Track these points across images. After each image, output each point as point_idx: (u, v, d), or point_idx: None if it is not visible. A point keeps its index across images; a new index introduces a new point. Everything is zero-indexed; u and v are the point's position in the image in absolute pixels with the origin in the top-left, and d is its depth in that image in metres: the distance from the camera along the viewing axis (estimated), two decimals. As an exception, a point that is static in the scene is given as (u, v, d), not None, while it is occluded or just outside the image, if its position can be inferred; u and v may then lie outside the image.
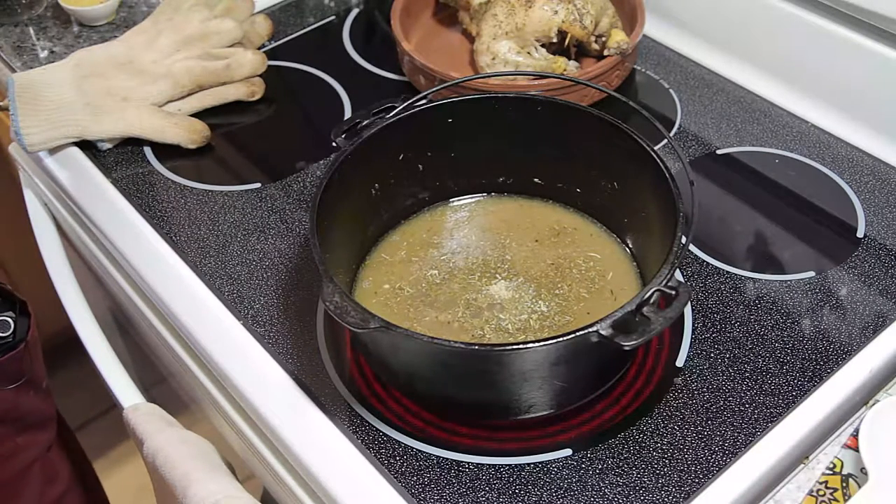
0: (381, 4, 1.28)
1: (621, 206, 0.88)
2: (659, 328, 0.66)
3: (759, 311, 0.86)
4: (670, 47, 1.18)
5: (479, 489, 0.75)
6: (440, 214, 0.94)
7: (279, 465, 0.83)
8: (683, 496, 0.73)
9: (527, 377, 0.72)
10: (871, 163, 1.01)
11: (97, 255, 1.04)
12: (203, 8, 1.12)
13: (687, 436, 0.77)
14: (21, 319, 0.97)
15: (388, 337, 0.71)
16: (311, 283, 0.92)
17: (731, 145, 1.04)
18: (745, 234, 0.94)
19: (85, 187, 1.04)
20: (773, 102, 1.09)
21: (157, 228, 0.98)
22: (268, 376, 0.84)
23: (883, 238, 0.92)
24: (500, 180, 0.94)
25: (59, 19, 1.28)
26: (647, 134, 0.82)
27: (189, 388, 0.97)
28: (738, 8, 1.11)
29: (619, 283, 0.86)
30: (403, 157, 0.89)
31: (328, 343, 0.86)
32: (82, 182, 1.04)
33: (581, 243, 0.90)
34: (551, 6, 1.06)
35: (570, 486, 0.74)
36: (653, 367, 0.82)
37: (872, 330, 0.84)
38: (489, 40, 1.07)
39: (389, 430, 0.79)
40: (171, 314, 0.91)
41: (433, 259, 0.90)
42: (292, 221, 0.98)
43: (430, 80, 1.08)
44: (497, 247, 0.90)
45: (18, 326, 0.97)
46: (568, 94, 1.03)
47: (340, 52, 1.22)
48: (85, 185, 1.04)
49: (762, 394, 0.79)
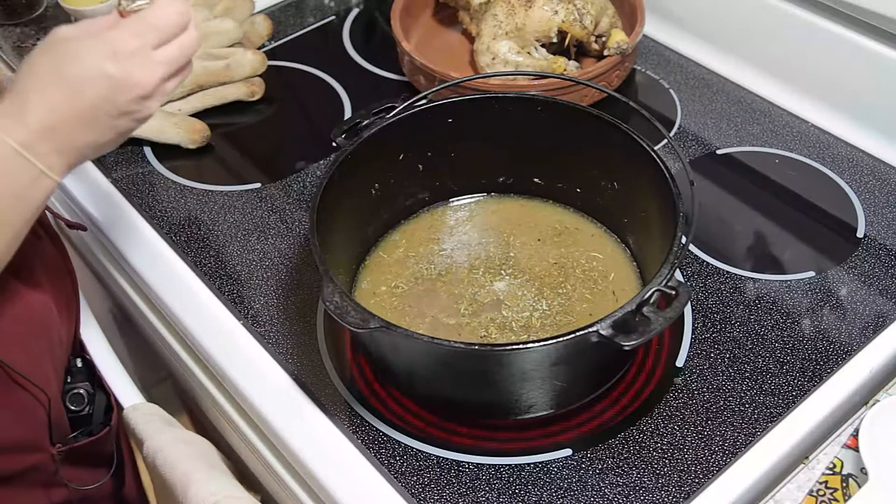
0: (381, 4, 1.28)
1: (621, 206, 0.88)
2: (659, 328, 0.66)
3: (759, 311, 0.86)
4: (670, 47, 1.18)
5: (479, 489, 0.75)
6: (441, 214, 0.94)
7: (279, 464, 0.83)
8: (683, 496, 0.73)
9: (527, 377, 0.72)
10: (871, 163, 1.01)
11: (97, 255, 1.04)
12: (203, 8, 1.12)
13: (687, 436, 0.77)
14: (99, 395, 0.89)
15: (388, 337, 0.71)
16: (311, 283, 0.92)
17: (731, 145, 1.04)
18: (745, 234, 0.94)
19: (85, 187, 1.04)
20: (773, 102, 1.09)
21: (157, 228, 0.98)
22: (268, 376, 0.84)
23: (883, 238, 0.92)
24: (501, 180, 0.94)
25: (59, 19, 1.28)
26: (647, 134, 0.82)
27: (189, 388, 0.97)
28: (738, 8, 1.11)
29: (620, 283, 0.86)
30: (403, 157, 0.89)
31: (328, 343, 0.86)
32: (82, 182, 1.04)
33: (583, 243, 0.90)
34: (551, 6, 1.06)
35: (570, 486, 0.74)
36: (653, 367, 0.82)
37: (872, 330, 0.84)
38: (489, 40, 1.07)
39: (389, 430, 0.79)
40: (171, 314, 0.92)
41: (435, 258, 0.90)
42: (292, 221, 0.98)
43: (430, 80, 1.08)
44: (501, 245, 0.90)
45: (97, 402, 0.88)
46: (568, 94, 1.03)
47: (340, 52, 1.22)
48: (85, 185, 1.04)
49: (762, 394, 0.79)
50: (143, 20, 0.67)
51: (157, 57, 0.67)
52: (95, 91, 0.65)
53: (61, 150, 0.65)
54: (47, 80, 0.64)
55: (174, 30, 0.68)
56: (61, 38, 0.66)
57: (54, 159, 0.65)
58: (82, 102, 0.65)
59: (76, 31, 0.66)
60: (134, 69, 0.66)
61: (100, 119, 0.66)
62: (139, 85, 0.66)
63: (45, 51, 0.66)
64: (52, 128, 0.64)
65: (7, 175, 0.63)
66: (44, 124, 0.64)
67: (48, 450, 0.81)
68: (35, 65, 0.66)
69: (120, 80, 0.65)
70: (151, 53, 0.67)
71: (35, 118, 0.63)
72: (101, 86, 0.65)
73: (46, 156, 0.64)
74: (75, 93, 0.64)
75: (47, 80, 0.64)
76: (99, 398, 0.88)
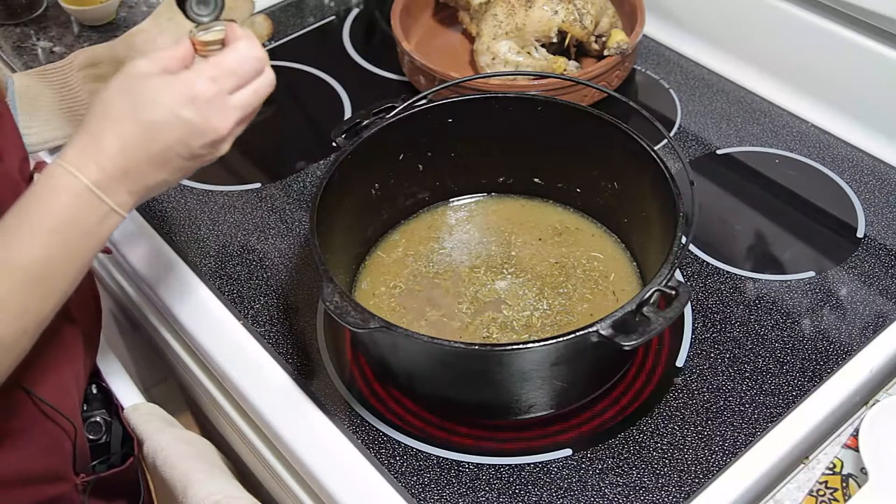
0: (381, 4, 1.28)
1: (621, 206, 0.88)
2: (659, 328, 0.66)
3: (759, 311, 0.86)
4: (670, 47, 1.18)
5: (479, 489, 0.75)
6: (441, 214, 0.94)
7: (279, 464, 0.83)
8: (683, 496, 0.73)
9: (527, 377, 0.72)
10: (871, 163, 1.01)
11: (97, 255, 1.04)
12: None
13: (687, 436, 0.77)
14: (115, 425, 0.88)
15: (388, 337, 0.71)
16: (311, 283, 0.92)
17: (731, 145, 1.04)
18: (745, 234, 0.94)
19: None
20: (773, 102, 1.09)
21: (156, 228, 0.98)
22: (268, 376, 0.84)
23: (883, 238, 0.92)
24: (501, 180, 0.94)
25: (59, 19, 1.28)
26: (647, 134, 0.82)
27: (189, 387, 0.97)
28: (738, 8, 1.11)
29: (621, 283, 0.86)
30: (403, 157, 0.89)
31: (328, 343, 0.86)
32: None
33: (584, 243, 0.90)
34: (551, 6, 1.06)
35: (570, 486, 0.74)
36: (653, 367, 0.82)
37: (872, 330, 0.84)
38: (489, 40, 1.07)
39: (389, 430, 0.79)
40: (171, 314, 0.92)
41: (435, 257, 0.90)
42: (292, 221, 0.98)
43: (430, 80, 1.08)
44: (502, 244, 0.90)
45: (113, 431, 0.87)
46: (568, 94, 1.03)
47: (340, 52, 1.22)
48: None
49: (762, 394, 0.79)
50: (222, 65, 0.66)
51: (232, 102, 0.67)
52: (171, 135, 0.65)
53: (132, 189, 0.65)
54: (123, 121, 0.64)
55: (252, 75, 0.68)
56: (138, 74, 0.66)
57: (125, 197, 0.65)
58: (157, 145, 0.65)
59: (152, 68, 0.66)
60: (211, 115, 0.66)
61: (172, 161, 0.66)
62: (215, 130, 0.66)
63: (121, 89, 0.65)
64: (125, 169, 0.64)
65: (79, 212, 0.63)
66: (118, 166, 0.64)
67: (72, 479, 0.80)
68: (111, 104, 0.65)
69: (196, 126, 0.65)
70: (228, 98, 0.67)
71: (110, 159, 0.64)
72: (177, 130, 0.65)
73: (118, 194, 0.64)
74: (151, 136, 0.64)
75: (123, 122, 0.64)
76: (115, 428, 0.87)
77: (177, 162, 0.66)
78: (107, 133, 0.64)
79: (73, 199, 0.63)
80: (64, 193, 0.63)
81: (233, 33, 0.69)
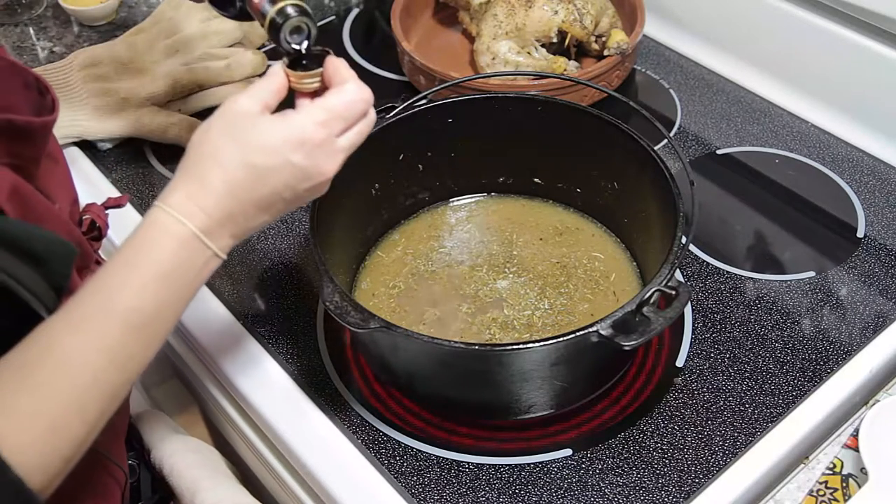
0: (381, 4, 1.28)
1: (621, 206, 0.88)
2: (659, 328, 0.66)
3: (759, 311, 0.86)
4: (670, 47, 1.18)
5: (479, 489, 0.75)
6: (441, 214, 0.94)
7: (279, 464, 0.83)
8: (683, 496, 0.73)
9: (527, 377, 0.72)
10: (871, 163, 1.01)
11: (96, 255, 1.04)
12: (203, 8, 1.12)
13: (687, 436, 0.77)
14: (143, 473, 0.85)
15: (388, 337, 0.71)
16: (311, 283, 0.92)
17: (731, 145, 1.04)
18: (745, 234, 0.94)
19: (85, 187, 1.03)
20: (773, 102, 1.09)
21: (157, 228, 0.98)
22: (268, 376, 0.84)
23: (883, 238, 0.92)
24: (501, 180, 0.94)
25: (59, 19, 1.28)
26: (647, 134, 0.82)
27: (189, 387, 0.97)
28: (738, 8, 1.11)
29: (621, 283, 0.86)
30: (403, 157, 0.89)
31: (328, 343, 0.86)
32: (82, 182, 1.04)
33: (584, 243, 0.90)
34: (551, 6, 1.06)
35: (570, 486, 0.74)
36: (653, 367, 0.82)
37: (872, 330, 0.84)
38: (489, 40, 1.07)
39: (389, 430, 0.79)
40: (171, 314, 0.91)
41: (435, 256, 0.90)
42: (292, 221, 0.98)
43: (430, 80, 1.08)
44: (504, 243, 0.90)
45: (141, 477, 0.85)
46: (568, 94, 1.03)
47: (340, 52, 1.22)
48: (85, 186, 1.03)
49: (762, 394, 0.79)
50: (332, 109, 0.66)
51: (339, 144, 0.67)
52: (280, 179, 0.64)
53: (234, 233, 0.65)
54: (231, 165, 0.63)
55: (358, 118, 0.67)
56: (241, 113, 0.65)
57: (227, 241, 0.65)
58: (265, 189, 0.64)
59: (254, 106, 0.65)
60: (320, 159, 0.65)
61: (276, 204, 0.66)
62: (322, 174, 0.66)
63: (226, 130, 0.64)
64: (231, 214, 0.64)
65: (185, 259, 0.62)
66: (224, 212, 0.63)
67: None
68: (217, 146, 0.64)
69: (305, 170, 0.65)
70: (335, 141, 0.66)
71: (216, 204, 0.63)
72: (286, 175, 0.64)
73: (221, 238, 0.64)
74: (259, 181, 0.64)
75: (231, 166, 0.63)
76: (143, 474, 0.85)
77: (280, 205, 0.66)
78: (214, 177, 0.63)
79: (179, 247, 0.62)
80: (171, 240, 0.61)
81: (336, 71, 0.67)
